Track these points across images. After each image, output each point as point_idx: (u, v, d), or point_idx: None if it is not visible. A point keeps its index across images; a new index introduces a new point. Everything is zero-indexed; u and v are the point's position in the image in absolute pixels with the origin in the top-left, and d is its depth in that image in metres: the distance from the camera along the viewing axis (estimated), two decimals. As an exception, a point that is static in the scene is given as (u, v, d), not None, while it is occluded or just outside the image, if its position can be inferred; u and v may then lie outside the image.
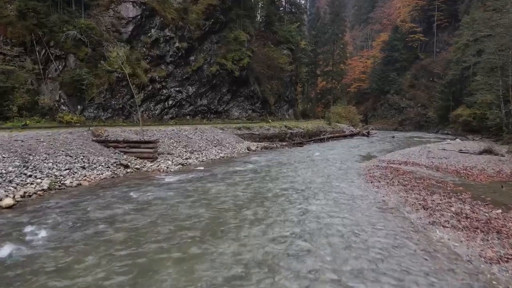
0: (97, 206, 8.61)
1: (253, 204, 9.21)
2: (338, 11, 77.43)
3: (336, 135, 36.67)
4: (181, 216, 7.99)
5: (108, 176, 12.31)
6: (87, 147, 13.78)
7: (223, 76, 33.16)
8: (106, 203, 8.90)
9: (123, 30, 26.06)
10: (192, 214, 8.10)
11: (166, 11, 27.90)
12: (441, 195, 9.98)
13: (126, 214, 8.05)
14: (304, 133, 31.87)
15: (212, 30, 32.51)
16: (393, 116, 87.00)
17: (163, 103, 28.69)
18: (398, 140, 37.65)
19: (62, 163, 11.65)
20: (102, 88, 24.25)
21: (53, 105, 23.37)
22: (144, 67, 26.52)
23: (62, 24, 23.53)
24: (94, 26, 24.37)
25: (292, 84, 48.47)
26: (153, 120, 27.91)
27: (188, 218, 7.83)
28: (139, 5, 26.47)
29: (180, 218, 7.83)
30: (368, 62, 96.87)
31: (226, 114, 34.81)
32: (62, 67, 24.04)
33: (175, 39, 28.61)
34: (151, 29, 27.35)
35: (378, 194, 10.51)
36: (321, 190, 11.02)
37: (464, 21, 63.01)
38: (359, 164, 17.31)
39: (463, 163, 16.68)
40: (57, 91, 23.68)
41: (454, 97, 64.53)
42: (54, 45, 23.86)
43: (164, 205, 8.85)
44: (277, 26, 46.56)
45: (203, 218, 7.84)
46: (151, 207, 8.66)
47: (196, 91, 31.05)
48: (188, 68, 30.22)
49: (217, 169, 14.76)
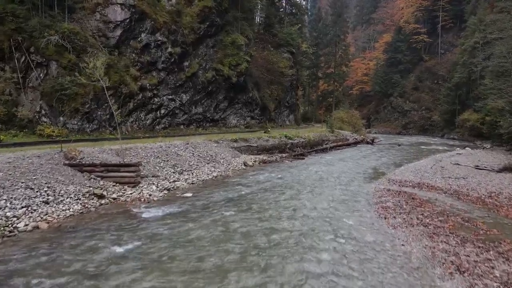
0: (33, 274, 6.78)
1: (240, 262, 7.35)
2: (340, 12, 75.48)
3: (340, 143, 34.80)
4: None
5: (76, 211, 10.48)
6: (55, 174, 11.94)
7: (220, 83, 31.34)
8: (49, 264, 7.08)
9: (110, 34, 24.27)
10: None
11: (158, 14, 26.09)
12: (475, 244, 8.13)
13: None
14: (305, 143, 29.99)
15: (208, 33, 30.66)
16: (397, 119, 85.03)
17: (155, 113, 26.88)
18: (404, 149, 35.75)
19: (19, 199, 9.82)
20: (87, 98, 22.45)
21: (33, 117, 21.58)
22: (133, 75, 24.71)
23: (43, 29, 21.77)
24: (78, 31, 22.60)
25: (292, 88, 46.61)
26: (144, 131, 26.12)
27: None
28: (128, 8, 24.66)
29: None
30: (371, 64, 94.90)
31: (223, 122, 32.98)
32: (44, 75, 22.27)
33: (167, 44, 26.79)
34: (141, 34, 25.55)
35: (396, 240, 8.65)
36: (326, 232, 9.17)
37: (470, 22, 61.16)
38: (367, 186, 15.45)
39: (485, 186, 14.81)
40: (38, 102, 21.90)
41: (460, 100, 62.63)
42: (35, 51, 22.11)
43: (125, 271, 7.00)
44: (277, 28, 44.76)
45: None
46: (108, 272, 6.82)
47: (190, 98, 29.24)
48: (182, 74, 28.40)
49: (205, 196, 12.92)
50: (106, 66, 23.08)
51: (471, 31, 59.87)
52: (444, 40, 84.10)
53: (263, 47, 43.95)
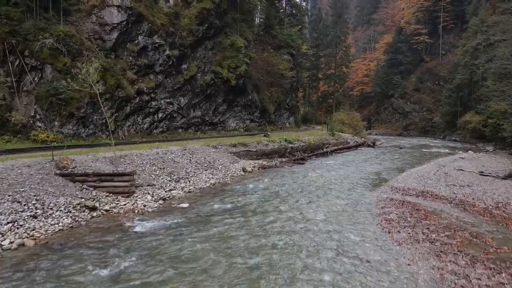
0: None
1: (237, 284, 6.89)
2: (341, 12, 75.00)
3: (340, 147, 34.30)
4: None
5: (66, 225, 10.03)
6: (45, 185, 11.48)
7: (218, 85, 30.87)
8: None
9: (106, 37, 23.80)
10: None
11: (155, 16, 25.62)
12: (485, 265, 7.66)
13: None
14: (305, 147, 29.51)
15: (206, 35, 30.17)
16: (398, 120, 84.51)
17: (152, 116, 26.42)
18: (406, 152, 35.25)
19: (4, 214, 9.36)
20: (82, 102, 21.99)
21: (27, 121, 21.14)
22: (130, 78, 24.25)
23: (37, 32, 21.30)
24: (73, 34, 22.12)
25: (293, 90, 46.12)
26: (141, 135, 25.66)
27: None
28: (125, 10, 24.20)
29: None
30: (371, 64, 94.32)
31: (222, 126, 32.50)
32: (38, 79, 21.84)
33: (165, 47, 26.32)
34: (138, 36, 25.09)
35: (401, 259, 8.17)
36: (327, 249, 8.69)
37: (472, 23, 60.65)
38: (369, 194, 14.97)
39: (492, 195, 14.34)
40: (32, 106, 21.48)
41: (462, 102, 62.14)
42: (29, 54, 21.70)
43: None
44: (277, 29, 44.26)
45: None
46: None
47: (188, 102, 28.78)
48: (180, 77, 27.93)
49: (202, 208, 12.45)
50: (102, 70, 22.89)
51: (472, 32, 59.31)
52: (445, 40, 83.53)
53: (262, 49, 43.49)
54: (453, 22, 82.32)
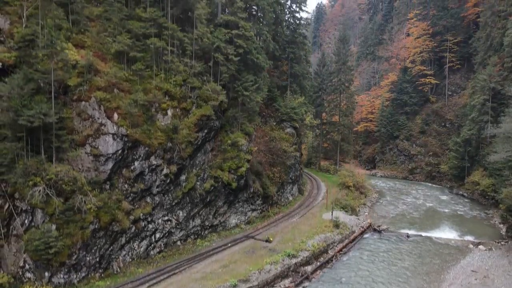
0: None
1: None
2: (345, 60, 74.06)
3: (346, 243, 33.00)
4: None
5: None
6: None
7: (219, 190, 29.77)
8: None
9: (101, 168, 22.84)
10: None
11: (152, 137, 24.64)
12: None
13: None
14: (309, 257, 28.28)
15: (206, 139, 29.14)
16: (403, 163, 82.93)
17: (149, 238, 25.33)
18: (417, 244, 33.99)
19: None
20: (75, 248, 20.95)
21: (16, 273, 20.12)
22: (125, 209, 23.22)
23: (27, 177, 20.36)
24: (65, 174, 21.10)
25: (296, 161, 44.89)
26: (137, 261, 24.55)
27: None
28: (121, 138, 23.25)
29: None
30: (376, 102, 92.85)
31: (222, 226, 31.35)
32: (29, 222, 20.87)
33: (162, 166, 25.32)
34: (134, 162, 24.12)
35: None
36: None
37: (480, 78, 59.27)
38: None
39: None
40: (22, 255, 20.45)
41: (470, 156, 60.61)
42: (20, 197, 20.76)
43: None
44: (279, 102, 43.26)
45: None
46: None
47: (187, 214, 27.70)
48: (178, 191, 26.89)
49: None
50: (95, 209, 21.93)
51: (480, 87, 57.89)
52: (451, 81, 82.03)
53: (264, 122, 42.48)
54: (459, 63, 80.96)
